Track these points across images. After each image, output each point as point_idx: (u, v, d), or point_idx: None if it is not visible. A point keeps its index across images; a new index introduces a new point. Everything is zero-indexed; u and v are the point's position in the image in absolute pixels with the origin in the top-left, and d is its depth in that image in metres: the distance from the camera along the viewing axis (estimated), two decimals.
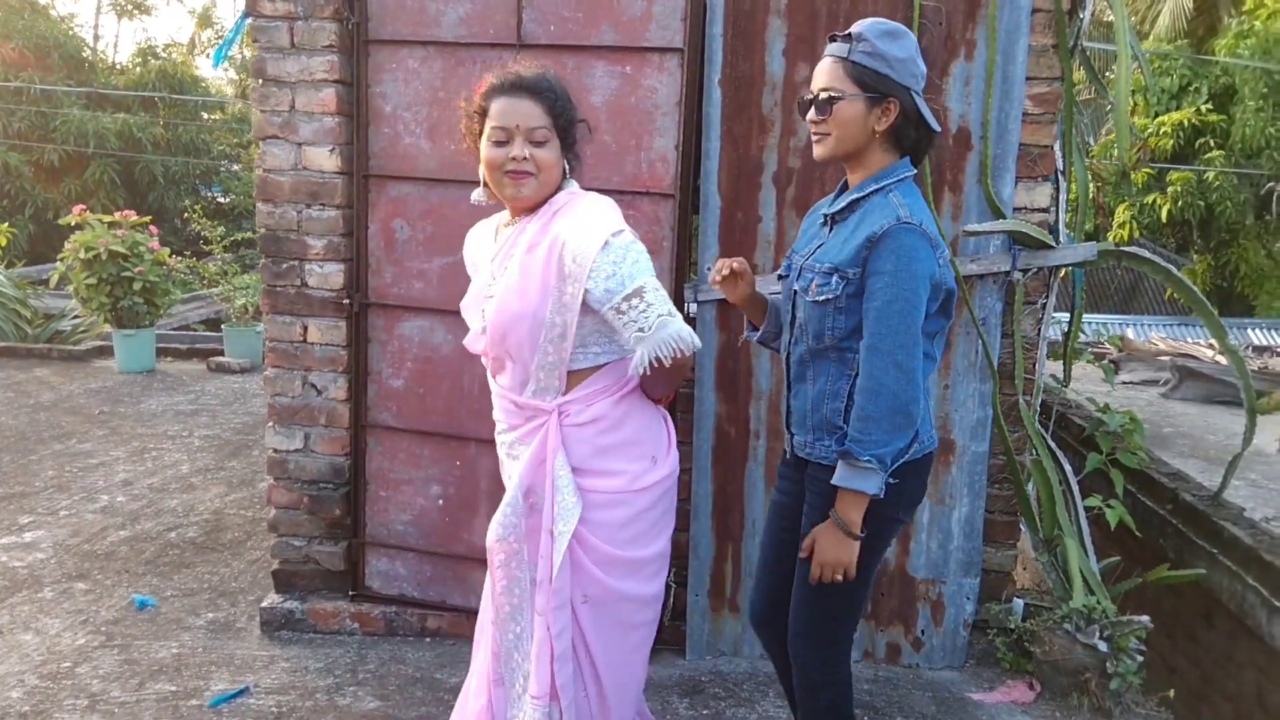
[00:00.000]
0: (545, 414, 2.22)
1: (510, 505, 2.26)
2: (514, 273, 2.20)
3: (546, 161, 2.19)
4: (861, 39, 2.17)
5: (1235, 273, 12.28)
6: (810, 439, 2.31)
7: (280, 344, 3.50)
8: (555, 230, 2.17)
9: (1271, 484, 4.51)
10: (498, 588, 2.31)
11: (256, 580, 4.13)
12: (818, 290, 2.22)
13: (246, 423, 6.85)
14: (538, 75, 2.21)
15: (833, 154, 2.24)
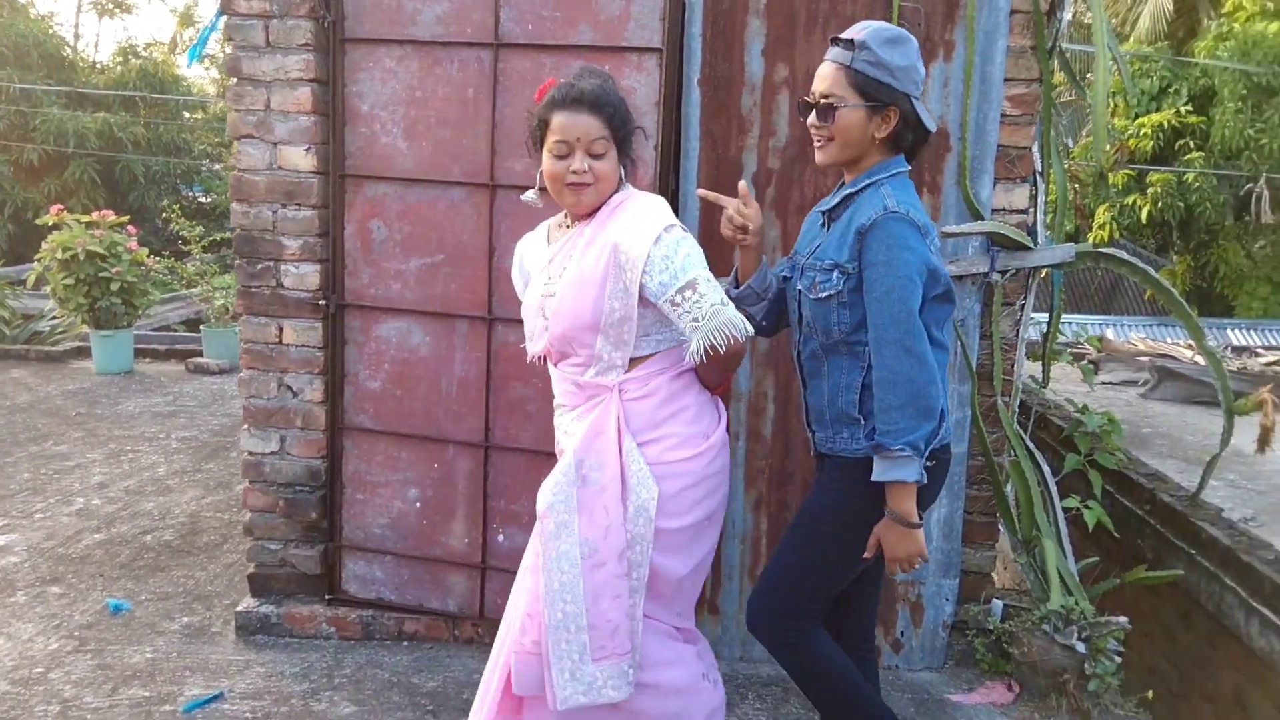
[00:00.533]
0: (606, 391, 2.30)
1: (563, 473, 2.29)
2: (573, 270, 2.30)
3: (604, 172, 2.28)
4: (865, 47, 2.18)
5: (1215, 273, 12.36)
6: (830, 433, 2.34)
7: (255, 345, 3.46)
8: (611, 228, 2.28)
9: (1250, 484, 4.53)
10: (545, 561, 2.28)
11: (232, 584, 4.09)
12: (820, 287, 2.25)
13: (225, 424, 6.80)
14: (597, 88, 2.29)
15: (834, 160, 2.29)
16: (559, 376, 2.42)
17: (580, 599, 2.25)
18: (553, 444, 3.29)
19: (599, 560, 2.26)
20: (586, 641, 2.25)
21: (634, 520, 2.26)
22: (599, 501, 2.26)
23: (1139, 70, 12.31)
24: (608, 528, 2.26)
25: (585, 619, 2.25)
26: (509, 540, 3.41)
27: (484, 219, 3.28)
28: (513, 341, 3.33)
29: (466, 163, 3.27)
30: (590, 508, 2.27)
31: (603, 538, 2.26)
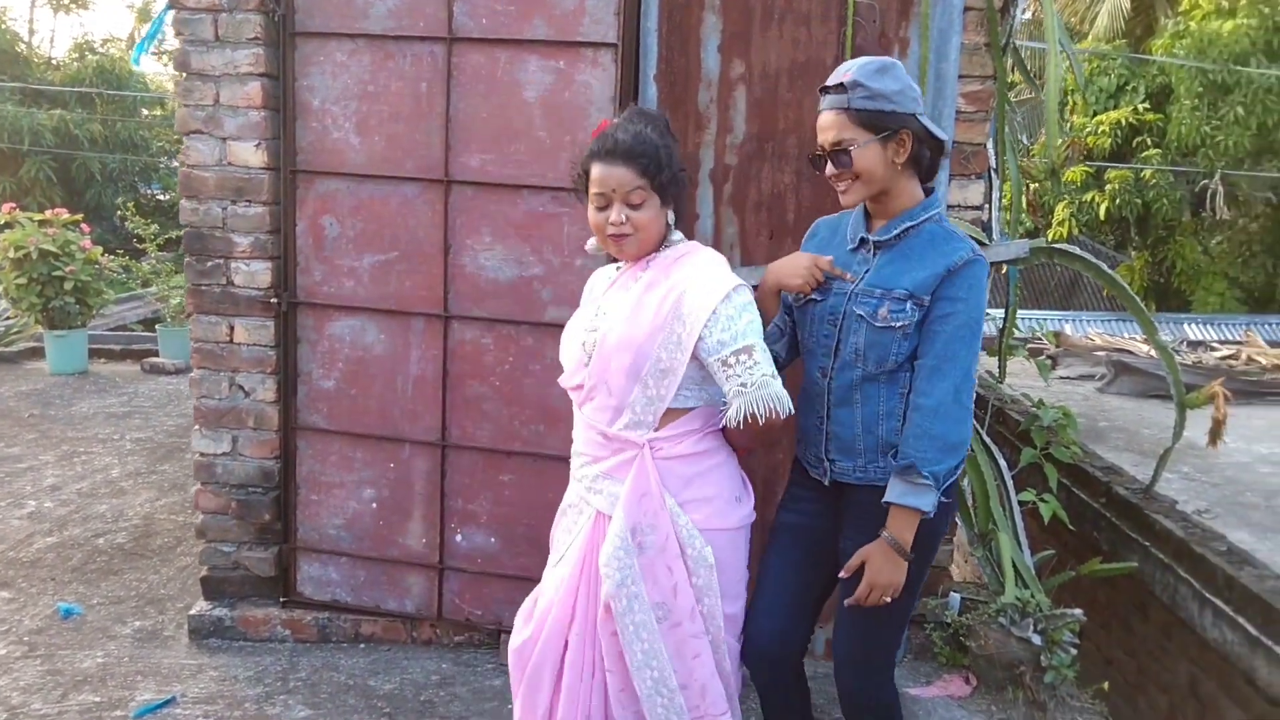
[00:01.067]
0: (635, 448, 2.21)
1: (621, 549, 2.20)
2: (626, 306, 2.23)
3: (643, 222, 2.22)
4: (857, 85, 2.18)
5: (1172, 269, 12.53)
6: (862, 463, 2.28)
7: (206, 345, 3.41)
8: (677, 276, 2.21)
9: (1204, 477, 4.60)
10: (624, 638, 2.21)
11: (186, 587, 4.03)
12: (890, 316, 2.20)
13: (180, 425, 6.69)
14: (633, 136, 2.22)
15: (863, 198, 2.27)
16: (583, 421, 2.33)
17: (666, 662, 2.22)
18: (510, 442, 3.32)
19: (674, 620, 2.22)
20: (683, 704, 2.24)
21: (696, 573, 2.23)
22: (660, 563, 2.21)
23: (1097, 68, 12.45)
24: (674, 587, 2.21)
25: (674, 680, 2.23)
26: (467, 540, 3.38)
27: (439, 215, 3.24)
28: (469, 339, 3.30)
29: (420, 158, 3.23)
30: (653, 571, 2.22)
31: (673, 597, 2.22)
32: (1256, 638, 3.04)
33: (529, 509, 3.34)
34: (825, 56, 3.13)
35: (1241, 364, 7.21)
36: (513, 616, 3.36)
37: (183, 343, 8.38)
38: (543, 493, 3.32)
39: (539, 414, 3.30)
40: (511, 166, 3.20)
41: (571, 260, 3.22)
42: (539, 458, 3.32)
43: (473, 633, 3.49)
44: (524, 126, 3.18)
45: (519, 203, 3.23)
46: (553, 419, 3.29)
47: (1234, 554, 3.39)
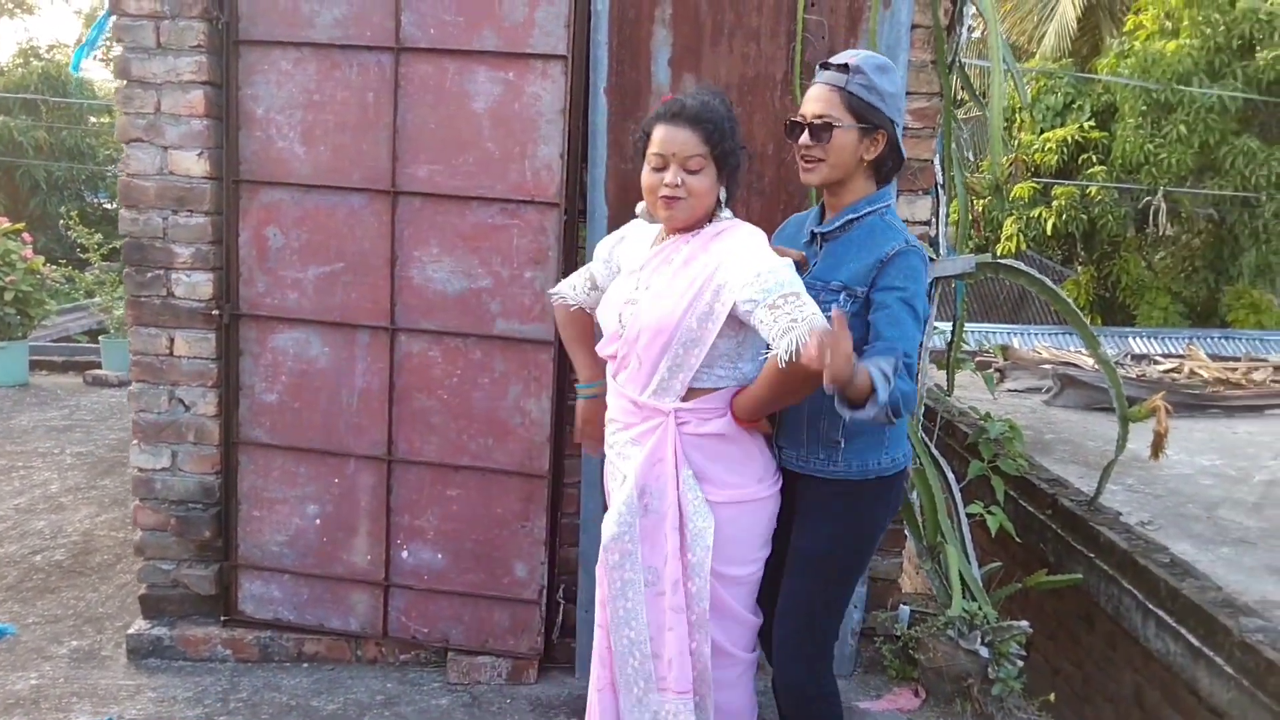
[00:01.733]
0: (662, 415, 2.26)
1: (626, 505, 2.28)
2: (665, 280, 2.26)
3: (699, 188, 2.23)
4: (859, 71, 2.23)
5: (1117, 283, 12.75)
6: (804, 453, 2.36)
7: (146, 358, 3.33)
8: (714, 250, 2.23)
9: (1147, 489, 4.67)
10: (610, 591, 2.31)
11: (125, 605, 3.92)
12: (825, 306, 2.22)
13: (122, 439, 6.53)
14: (700, 104, 2.24)
15: (823, 181, 2.32)
16: (615, 390, 2.37)
17: (644, 627, 2.28)
18: (458, 456, 3.28)
19: (659, 589, 2.28)
20: (651, 671, 2.28)
21: (691, 548, 2.26)
22: (660, 529, 2.28)
23: (1044, 86, 12.67)
24: (666, 555, 2.26)
25: (649, 647, 2.28)
26: (413, 557, 3.33)
27: (385, 226, 3.20)
28: (416, 352, 3.26)
29: (367, 168, 3.19)
30: (652, 536, 2.29)
31: (663, 565, 2.27)
32: (1199, 649, 3.08)
33: (477, 524, 3.30)
34: (774, 72, 3.15)
35: (1184, 377, 7.35)
36: (460, 635, 3.35)
37: (126, 354, 8.20)
38: (491, 507, 3.29)
39: (488, 428, 3.27)
40: (460, 177, 3.17)
41: (520, 272, 3.19)
42: (487, 472, 3.28)
43: (419, 651, 3.43)
44: (473, 137, 3.15)
45: (467, 214, 3.20)
46: (501, 433, 3.26)
47: (1176, 566, 3.44)
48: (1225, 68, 11.15)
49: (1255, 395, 6.95)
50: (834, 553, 2.37)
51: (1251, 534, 4.12)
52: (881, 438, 2.33)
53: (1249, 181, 11.20)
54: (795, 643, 2.41)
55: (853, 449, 2.31)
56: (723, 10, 3.13)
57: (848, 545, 2.38)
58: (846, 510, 2.35)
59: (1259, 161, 11.06)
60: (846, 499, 2.34)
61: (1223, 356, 8.92)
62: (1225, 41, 11.13)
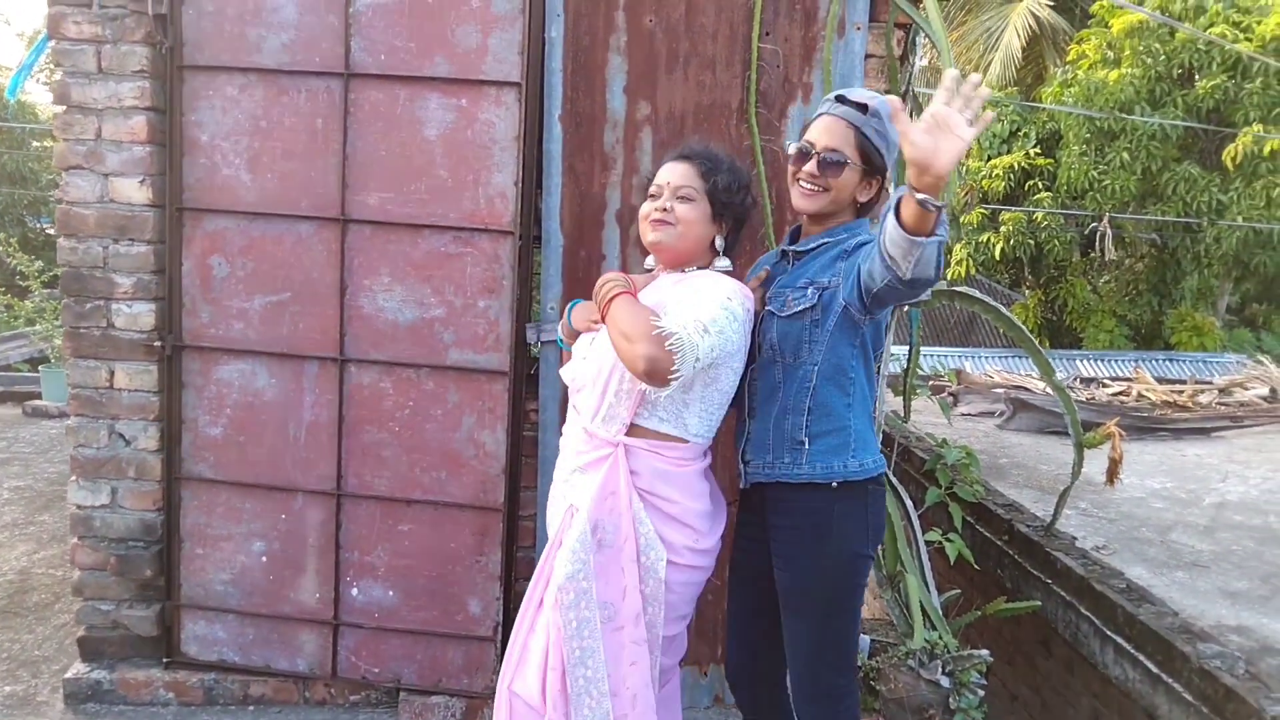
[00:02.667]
0: (610, 447, 2.26)
1: (580, 542, 2.23)
2: None
3: (686, 216, 2.28)
4: (875, 115, 2.24)
5: (1064, 307, 12.96)
6: (770, 459, 2.34)
7: (84, 391, 3.22)
8: (680, 288, 2.27)
9: (1100, 513, 4.71)
10: (564, 632, 2.23)
11: (63, 647, 3.78)
12: (794, 303, 2.28)
13: (62, 472, 6.34)
14: (703, 145, 2.37)
15: (818, 210, 2.31)
16: (571, 418, 2.40)
17: (601, 664, 2.23)
18: (409, 490, 3.20)
19: (618, 624, 2.25)
20: (609, 709, 2.23)
21: (645, 581, 2.26)
22: (616, 563, 2.25)
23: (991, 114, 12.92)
24: (625, 589, 2.24)
25: (607, 684, 2.23)
26: (363, 594, 3.24)
27: (334, 254, 3.13)
28: (367, 383, 3.18)
29: (316, 196, 3.12)
30: (608, 571, 2.25)
31: (621, 599, 2.25)
32: (1157, 675, 3.08)
33: (430, 560, 3.22)
34: (730, 100, 3.14)
35: (1132, 400, 7.47)
36: (412, 674, 3.26)
37: (64, 385, 7.99)
38: (444, 542, 3.21)
39: (441, 460, 3.19)
40: (412, 205, 3.12)
41: (474, 301, 3.14)
42: (440, 506, 3.21)
43: (369, 692, 3.33)
44: (425, 164, 3.10)
45: (420, 242, 3.14)
46: (455, 465, 3.18)
47: (1133, 591, 3.45)
48: (1166, 96, 11.43)
49: (1202, 418, 7.07)
50: (822, 588, 2.34)
51: (1204, 557, 4.16)
52: (847, 440, 2.31)
53: (1190, 207, 11.46)
54: (801, 685, 2.40)
55: (817, 450, 2.29)
56: (678, 39, 3.11)
57: (826, 576, 2.33)
58: (817, 538, 2.31)
59: (1199, 188, 11.32)
60: (815, 526, 2.30)
61: (1169, 379, 9.09)
62: (1166, 70, 11.41)
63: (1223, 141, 11.24)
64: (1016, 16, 13.97)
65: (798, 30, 3.12)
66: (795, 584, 2.35)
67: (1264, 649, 3.21)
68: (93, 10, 3.06)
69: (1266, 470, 5.86)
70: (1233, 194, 11.24)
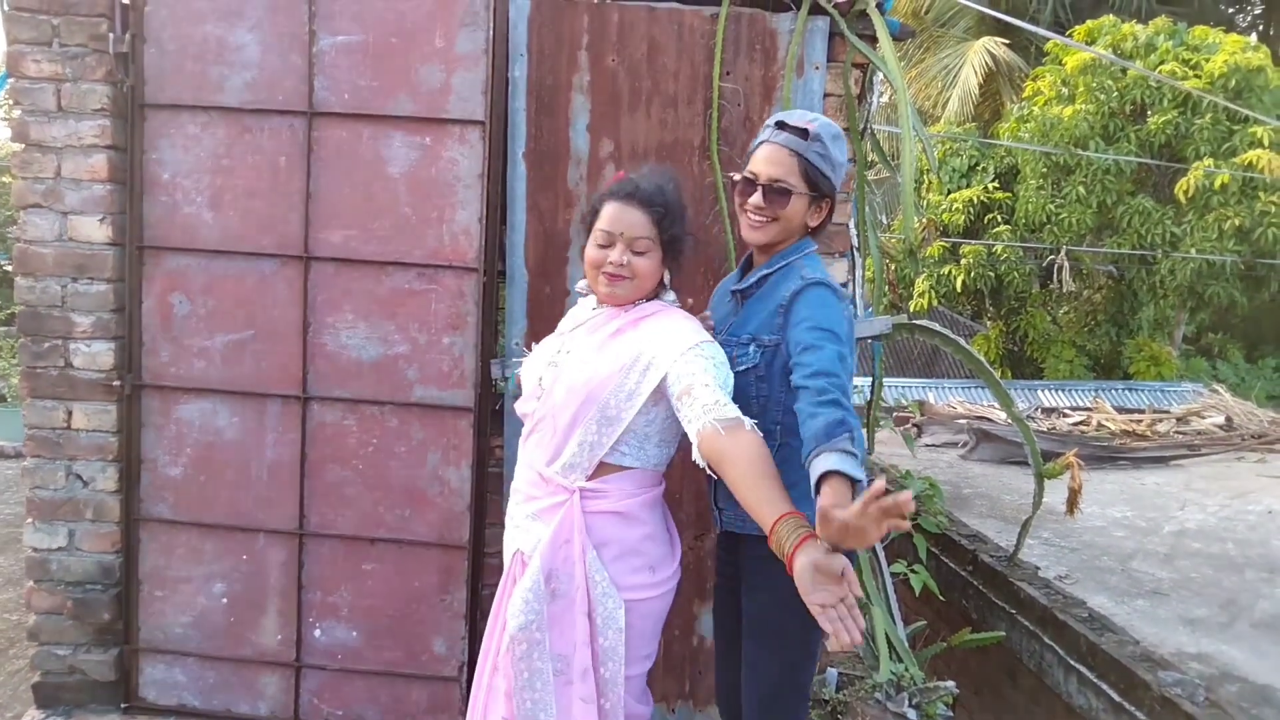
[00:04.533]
0: (566, 493, 2.20)
1: (532, 591, 2.17)
2: (590, 348, 2.23)
3: (643, 270, 2.23)
4: (818, 139, 2.22)
5: (1024, 338, 13.11)
6: (741, 511, 2.22)
7: (41, 431, 3.17)
8: (645, 330, 2.20)
9: (1062, 542, 4.75)
10: (517, 682, 2.19)
11: (18, 694, 3.68)
12: (738, 361, 2.25)
13: (17, 514, 6.21)
14: (654, 187, 2.26)
15: (769, 241, 2.29)
16: (523, 459, 2.32)
17: (553, 718, 2.18)
18: (373, 529, 3.17)
19: (567, 678, 2.19)
20: None
21: (603, 633, 2.19)
22: (569, 614, 2.19)
23: (950, 149, 13.11)
24: (576, 643, 2.18)
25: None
26: (326, 635, 3.20)
27: (297, 292, 3.12)
28: (330, 421, 3.16)
29: (278, 234, 3.11)
30: (561, 622, 2.20)
31: (572, 651, 2.19)
32: (1120, 703, 3.11)
33: (394, 599, 3.19)
34: (692, 137, 3.18)
35: (1092, 430, 7.57)
36: (376, 716, 3.22)
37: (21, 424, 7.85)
38: (408, 581, 3.19)
39: (405, 498, 3.17)
40: (375, 243, 3.12)
41: (439, 338, 3.14)
42: (405, 544, 3.18)
43: None
44: (389, 202, 3.10)
45: (384, 279, 3.14)
46: (419, 503, 3.17)
47: (1095, 620, 3.49)
48: (1119, 131, 11.67)
49: (1160, 446, 7.18)
50: (783, 619, 2.30)
51: (1164, 585, 4.22)
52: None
53: (1145, 240, 11.67)
54: (758, 713, 2.37)
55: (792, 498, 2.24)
56: (640, 78, 3.16)
57: (795, 610, 2.30)
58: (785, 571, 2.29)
59: (1153, 221, 11.54)
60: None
61: (1128, 408, 9.22)
62: (1119, 107, 11.66)
63: (1175, 176, 11.49)
64: (974, 54, 14.25)
65: (758, 70, 3.17)
66: (761, 612, 2.34)
67: (1223, 676, 3.25)
68: (53, 49, 3.05)
69: (1224, 498, 5.96)
70: (1186, 226, 11.48)
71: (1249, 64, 10.99)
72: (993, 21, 14.01)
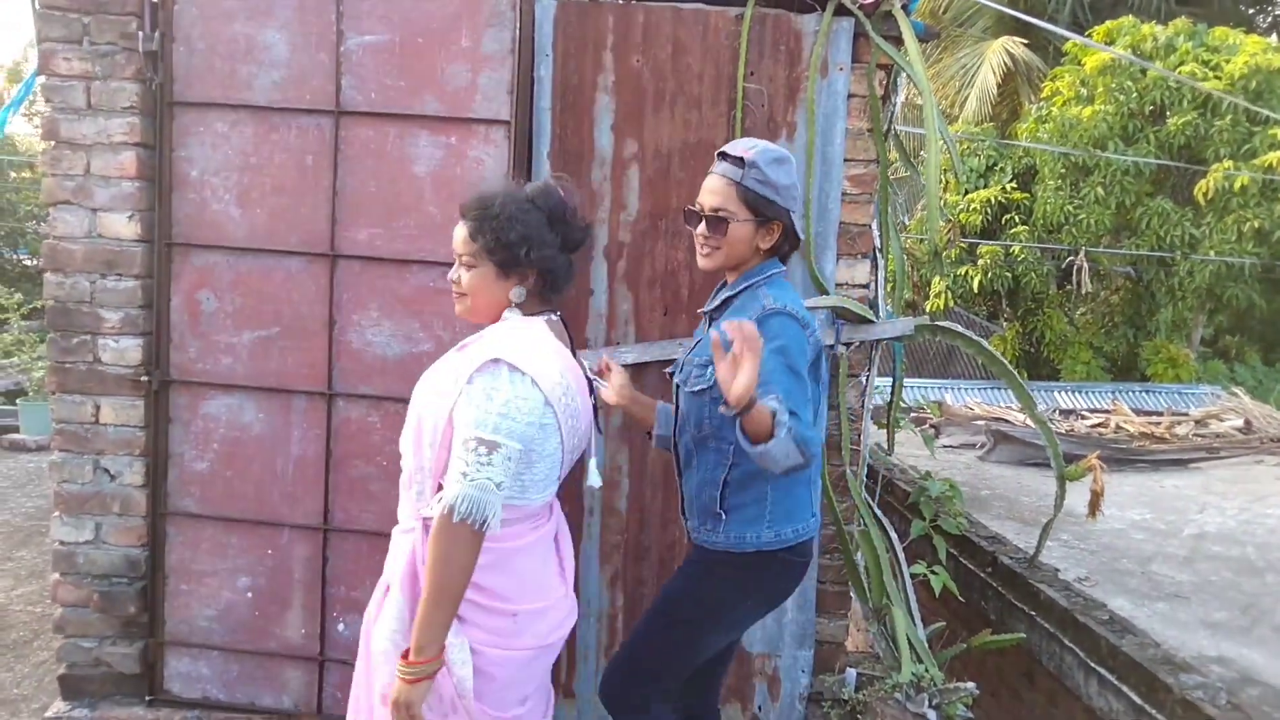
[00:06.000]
0: (415, 521, 2.12)
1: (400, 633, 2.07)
2: (439, 367, 2.16)
3: (470, 284, 2.14)
4: (754, 166, 2.27)
5: (1041, 339, 13.04)
6: (697, 523, 2.41)
7: (69, 426, 3.20)
8: (470, 355, 2.08)
9: (1082, 544, 4.74)
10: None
11: (42, 685, 3.74)
12: (694, 382, 2.33)
13: (41, 507, 6.28)
14: (477, 198, 2.14)
15: (718, 266, 2.36)
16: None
17: None
18: None
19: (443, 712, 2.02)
20: None
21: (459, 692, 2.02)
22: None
23: (967, 150, 13.06)
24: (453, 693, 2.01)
25: None
26: (350, 630, 3.22)
27: (323, 290, 3.14)
28: (355, 418, 3.18)
29: (305, 232, 3.14)
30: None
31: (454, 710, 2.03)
32: (1141, 706, 3.11)
33: None
34: (715, 138, 3.18)
35: (1110, 432, 7.54)
36: None
37: (46, 418, 7.91)
38: None
39: None
40: (401, 241, 3.14)
41: (462, 336, 3.14)
42: None
43: None
44: (414, 201, 3.12)
45: (408, 278, 3.16)
46: None
47: (1116, 623, 3.49)
48: (1139, 133, 11.61)
49: (1179, 449, 7.15)
50: (678, 600, 2.41)
51: (1184, 588, 4.20)
52: (763, 511, 2.34)
53: (1163, 241, 11.62)
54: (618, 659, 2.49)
55: (734, 522, 2.34)
56: (665, 78, 3.17)
57: (695, 600, 2.39)
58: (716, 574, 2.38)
59: (1172, 222, 11.48)
60: (722, 565, 2.37)
61: (1146, 410, 9.17)
62: (1138, 108, 11.59)
63: (1194, 177, 11.43)
64: (992, 54, 14.18)
65: (782, 70, 3.17)
66: (666, 590, 2.47)
67: (1245, 679, 3.25)
68: (83, 47, 3.09)
69: (1243, 501, 5.93)
70: (1205, 228, 11.42)
71: (1269, 65, 10.90)
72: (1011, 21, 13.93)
